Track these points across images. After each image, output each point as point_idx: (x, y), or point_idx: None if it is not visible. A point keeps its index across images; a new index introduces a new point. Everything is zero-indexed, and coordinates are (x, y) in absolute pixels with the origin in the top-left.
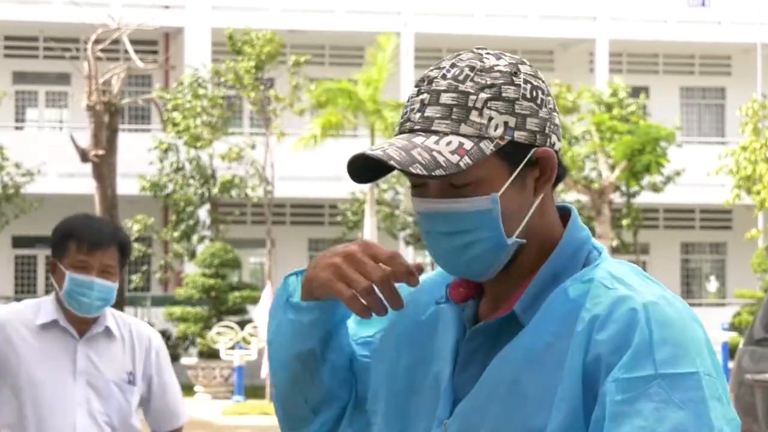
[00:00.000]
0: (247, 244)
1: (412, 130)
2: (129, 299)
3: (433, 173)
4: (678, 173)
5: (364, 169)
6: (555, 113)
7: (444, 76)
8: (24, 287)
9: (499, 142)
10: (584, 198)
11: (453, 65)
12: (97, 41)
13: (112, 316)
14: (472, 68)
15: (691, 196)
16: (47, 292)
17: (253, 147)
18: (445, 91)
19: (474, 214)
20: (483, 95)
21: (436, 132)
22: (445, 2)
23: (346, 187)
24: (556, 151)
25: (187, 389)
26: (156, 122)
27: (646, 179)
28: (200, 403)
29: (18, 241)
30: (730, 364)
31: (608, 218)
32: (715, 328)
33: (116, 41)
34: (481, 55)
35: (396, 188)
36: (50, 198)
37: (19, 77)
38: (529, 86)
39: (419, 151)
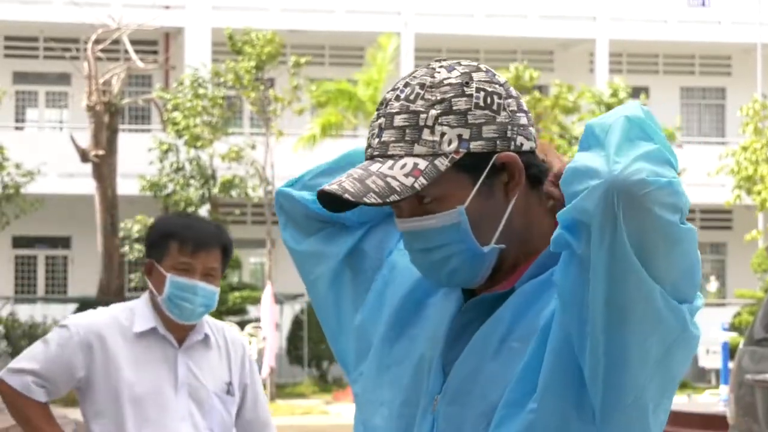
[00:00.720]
0: (248, 244)
1: (372, 157)
2: (129, 299)
3: (387, 200)
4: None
5: (336, 200)
6: (520, 114)
7: (397, 98)
8: (24, 287)
9: (455, 156)
10: None
11: (406, 84)
12: (97, 41)
13: (206, 323)
14: (422, 86)
15: (691, 196)
16: (47, 293)
17: (253, 147)
18: (398, 113)
19: (443, 229)
20: (433, 112)
21: (392, 156)
22: (445, 2)
23: None
24: (528, 151)
25: None
26: (156, 122)
27: None
28: None
29: (18, 241)
30: (730, 365)
31: None
32: (715, 329)
33: (116, 41)
34: (434, 69)
35: None
36: (50, 198)
37: (19, 77)
38: (482, 94)
39: (374, 180)
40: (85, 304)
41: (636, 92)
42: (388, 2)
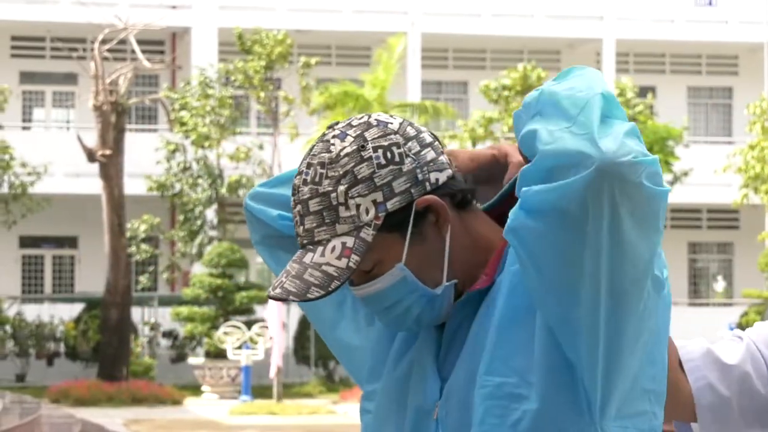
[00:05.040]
0: None
1: (303, 245)
2: (136, 299)
3: (329, 289)
4: (685, 173)
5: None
6: (425, 150)
7: (305, 182)
8: (30, 287)
9: (377, 223)
10: None
11: (309, 165)
12: (104, 41)
13: None
14: (323, 164)
15: (698, 196)
16: (54, 292)
17: (260, 147)
18: (310, 198)
19: (392, 287)
20: (341, 188)
21: (320, 242)
22: (452, 2)
23: None
24: (443, 184)
25: (195, 389)
26: (163, 122)
27: None
28: (207, 403)
29: (25, 241)
30: None
31: None
32: (722, 328)
33: (123, 41)
34: (329, 142)
35: None
36: (57, 198)
37: (26, 77)
38: (380, 152)
39: (310, 272)
40: (91, 304)
41: (643, 92)
42: (395, 2)
